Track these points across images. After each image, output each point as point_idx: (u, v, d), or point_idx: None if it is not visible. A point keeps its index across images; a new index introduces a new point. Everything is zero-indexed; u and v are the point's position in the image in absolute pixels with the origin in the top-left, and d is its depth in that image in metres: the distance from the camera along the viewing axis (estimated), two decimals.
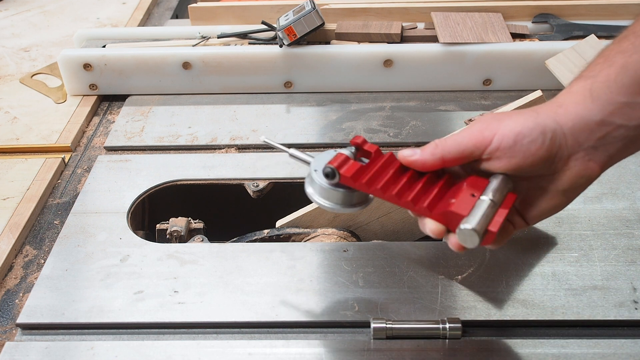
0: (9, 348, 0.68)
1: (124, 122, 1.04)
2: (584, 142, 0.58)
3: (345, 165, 0.62)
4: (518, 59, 1.06)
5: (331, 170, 0.61)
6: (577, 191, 0.61)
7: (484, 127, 0.60)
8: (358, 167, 0.62)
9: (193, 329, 0.70)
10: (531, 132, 0.58)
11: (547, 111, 0.59)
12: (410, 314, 0.70)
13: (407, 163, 0.63)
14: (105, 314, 0.71)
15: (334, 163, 0.61)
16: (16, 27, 1.38)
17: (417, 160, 0.62)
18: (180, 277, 0.75)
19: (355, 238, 0.84)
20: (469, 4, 1.17)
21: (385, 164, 0.63)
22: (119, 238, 0.81)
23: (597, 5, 1.17)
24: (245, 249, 0.79)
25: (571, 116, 0.58)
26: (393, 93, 1.10)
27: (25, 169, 0.94)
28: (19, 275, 0.78)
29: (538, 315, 0.69)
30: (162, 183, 0.91)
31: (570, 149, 0.59)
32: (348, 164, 0.62)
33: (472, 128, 0.61)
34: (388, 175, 0.62)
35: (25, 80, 1.18)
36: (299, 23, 1.04)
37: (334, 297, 0.72)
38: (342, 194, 0.63)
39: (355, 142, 0.64)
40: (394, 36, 1.10)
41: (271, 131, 1.01)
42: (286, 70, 1.08)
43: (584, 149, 0.59)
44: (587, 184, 0.61)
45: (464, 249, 0.59)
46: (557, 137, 0.58)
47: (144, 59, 1.08)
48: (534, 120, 0.59)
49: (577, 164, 0.59)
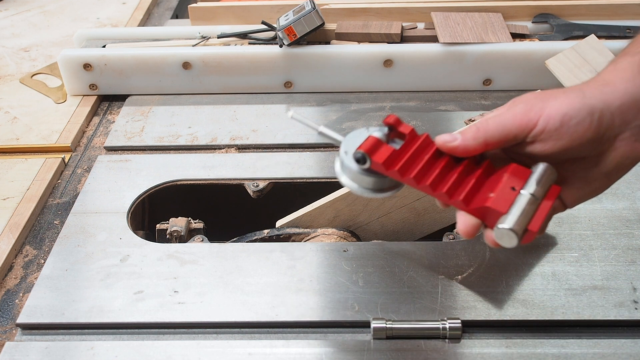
0: (9, 348, 0.68)
1: (124, 122, 1.04)
2: (631, 120, 0.56)
3: (377, 150, 0.57)
4: (518, 59, 1.06)
5: (362, 155, 0.57)
6: (620, 173, 0.59)
7: (528, 108, 0.57)
8: (390, 153, 0.57)
9: (193, 329, 0.70)
10: (578, 113, 0.55)
11: (593, 90, 0.57)
12: (410, 314, 0.70)
13: (447, 150, 0.58)
14: (105, 314, 0.71)
15: (364, 148, 0.57)
16: (16, 27, 1.38)
17: (458, 146, 0.58)
18: (180, 277, 0.75)
19: (355, 238, 0.84)
20: (469, 4, 1.17)
21: (420, 148, 0.58)
22: (119, 238, 0.81)
23: (597, 5, 1.17)
24: (245, 249, 0.79)
25: (619, 94, 0.56)
26: (393, 93, 1.10)
27: (25, 169, 0.94)
28: (19, 275, 0.78)
29: (538, 315, 0.69)
30: (162, 183, 0.91)
31: (617, 129, 0.56)
32: (380, 149, 0.57)
33: (515, 109, 0.58)
34: (422, 162, 0.57)
35: (25, 80, 1.18)
36: (299, 23, 1.04)
37: (334, 297, 0.72)
38: (373, 180, 0.58)
39: (388, 122, 0.59)
40: (394, 36, 1.10)
41: (271, 131, 1.01)
42: (286, 70, 1.08)
43: (631, 129, 0.56)
44: (631, 166, 0.58)
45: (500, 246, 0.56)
46: (605, 117, 0.56)
47: (144, 59, 1.08)
48: (580, 100, 0.56)
49: (623, 144, 0.57)
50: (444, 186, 0.56)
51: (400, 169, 0.57)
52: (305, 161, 0.94)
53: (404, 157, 0.57)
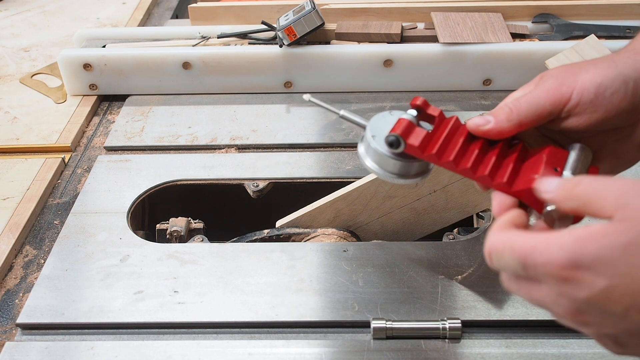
0: (9, 348, 0.68)
1: (124, 122, 1.04)
2: None
3: (411, 133, 0.55)
4: (518, 59, 1.06)
5: (396, 138, 0.54)
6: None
7: (560, 82, 0.55)
8: (425, 135, 0.55)
9: (193, 329, 0.70)
10: (612, 83, 0.54)
11: (625, 59, 0.55)
12: (410, 314, 0.70)
13: (480, 133, 0.56)
14: (105, 314, 0.71)
15: (398, 130, 0.54)
16: (16, 27, 1.38)
17: (492, 129, 0.55)
18: (180, 277, 0.75)
19: (355, 238, 0.84)
20: (469, 4, 1.17)
21: (452, 131, 0.56)
22: (119, 238, 0.81)
23: (597, 5, 1.17)
24: (245, 249, 0.79)
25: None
26: (393, 93, 1.10)
27: (25, 169, 0.94)
28: (19, 275, 0.78)
29: (538, 315, 0.69)
30: (162, 183, 0.91)
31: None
32: (414, 131, 0.55)
33: (546, 85, 0.56)
34: (458, 145, 0.55)
35: (25, 80, 1.18)
36: (299, 23, 1.04)
37: (334, 297, 0.72)
38: (401, 164, 0.56)
39: (416, 104, 0.57)
40: (394, 36, 1.10)
41: (271, 131, 1.01)
42: (286, 70, 1.08)
43: None
44: None
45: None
46: (639, 86, 0.54)
47: (144, 59, 1.08)
48: (613, 70, 0.54)
49: None
50: (485, 168, 0.54)
51: (437, 152, 0.54)
52: (305, 161, 0.94)
53: (438, 139, 0.55)
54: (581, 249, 0.43)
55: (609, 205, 0.44)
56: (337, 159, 0.95)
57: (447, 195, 0.82)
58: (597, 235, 0.43)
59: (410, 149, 0.55)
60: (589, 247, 0.43)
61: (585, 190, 0.46)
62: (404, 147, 0.55)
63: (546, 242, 0.44)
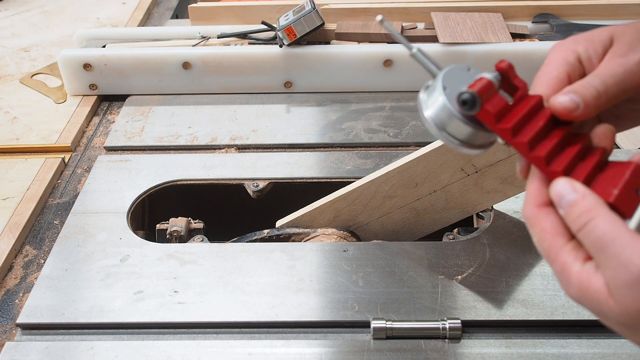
0: (9, 348, 0.68)
1: (124, 122, 1.04)
2: None
3: (491, 97, 0.47)
4: (518, 59, 1.06)
5: (471, 97, 0.46)
6: None
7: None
8: (504, 105, 0.48)
9: (193, 329, 0.70)
10: None
11: None
12: (410, 314, 0.70)
13: (564, 116, 0.48)
14: (105, 314, 0.71)
15: (478, 89, 0.47)
16: (16, 27, 1.38)
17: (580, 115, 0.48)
18: (180, 277, 0.75)
19: (355, 238, 0.84)
20: (469, 4, 1.17)
21: (534, 110, 0.49)
22: (119, 238, 0.81)
23: (597, 5, 1.17)
24: (245, 249, 0.79)
25: None
26: (393, 93, 1.10)
27: (25, 169, 0.94)
28: (19, 275, 0.78)
29: (538, 315, 0.69)
30: (162, 183, 0.91)
31: None
32: (494, 96, 0.48)
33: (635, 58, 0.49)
34: (537, 128, 0.48)
35: (25, 80, 1.18)
36: (299, 23, 1.04)
37: (334, 297, 0.72)
38: (469, 130, 0.48)
39: (501, 68, 0.49)
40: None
41: (271, 131, 1.01)
42: (286, 70, 1.08)
43: None
44: None
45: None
46: None
47: (144, 59, 1.08)
48: None
49: None
50: (559, 164, 0.47)
51: (513, 128, 0.47)
52: (305, 161, 0.94)
53: (516, 114, 0.48)
54: None
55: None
56: (337, 159, 0.95)
57: (447, 195, 0.82)
58: None
59: (484, 115, 0.47)
60: None
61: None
62: (479, 110, 0.47)
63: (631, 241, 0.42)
